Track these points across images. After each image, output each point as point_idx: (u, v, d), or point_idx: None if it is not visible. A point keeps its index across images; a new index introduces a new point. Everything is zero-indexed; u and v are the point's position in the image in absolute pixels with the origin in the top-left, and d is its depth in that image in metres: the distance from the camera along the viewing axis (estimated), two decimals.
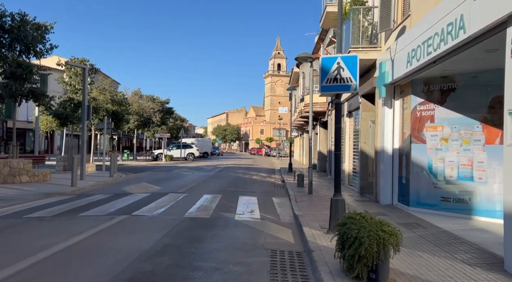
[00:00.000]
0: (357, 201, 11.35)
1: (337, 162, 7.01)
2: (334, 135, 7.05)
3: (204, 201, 11.15)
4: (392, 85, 10.36)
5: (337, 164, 7.00)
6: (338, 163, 7.00)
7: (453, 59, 7.22)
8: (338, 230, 4.79)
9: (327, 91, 7.03)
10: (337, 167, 6.98)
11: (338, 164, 7.00)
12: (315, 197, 12.39)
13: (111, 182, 16.67)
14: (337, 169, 6.97)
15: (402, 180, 10.02)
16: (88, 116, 16.44)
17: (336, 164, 7.01)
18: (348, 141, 16.48)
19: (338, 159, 6.99)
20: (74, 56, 21.04)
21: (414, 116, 9.43)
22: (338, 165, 6.99)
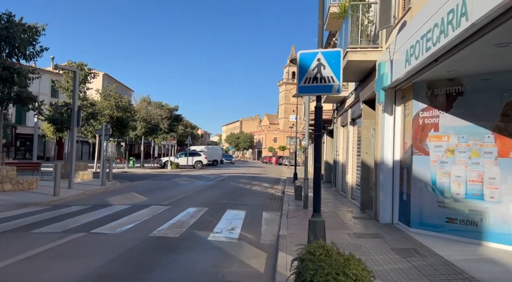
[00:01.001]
0: (355, 218, 10.19)
1: (316, 175, 5.92)
2: (314, 145, 5.98)
3: (185, 215, 10.15)
4: (393, 90, 9.24)
5: (317, 178, 5.91)
6: (318, 178, 5.91)
7: (457, 57, 6.10)
8: (295, 267, 3.73)
9: (306, 92, 5.98)
10: (317, 182, 5.89)
11: (317, 178, 5.91)
12: (310, 212, 11.24)
13: (101, 191, 15.84)
14: (317, 185, 5.88)
15: (403, 196, 8.84)
16: (78, 122, 15.68)
17: (315, 178, 5.93)
18: (351, 151, 15.32)
19: (318, 172, 5.91)
20: (71, 60, 20.49)
21: (416, 124, 8.28)
22: (317, 179, 5.90)
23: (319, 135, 5.89)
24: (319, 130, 5.89)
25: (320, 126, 5.89)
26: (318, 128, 5.90)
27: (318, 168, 5.87)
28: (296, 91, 6.00)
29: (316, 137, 5.90)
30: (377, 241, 7.42)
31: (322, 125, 21.08)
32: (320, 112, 5.93)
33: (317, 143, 5.92)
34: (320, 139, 5.89)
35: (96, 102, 29.54)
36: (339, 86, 5.77)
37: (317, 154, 5.88)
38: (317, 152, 5.90)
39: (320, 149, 5.91)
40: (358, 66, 10.87)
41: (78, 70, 15.94)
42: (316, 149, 5.91)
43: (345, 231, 8.45)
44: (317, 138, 5.90)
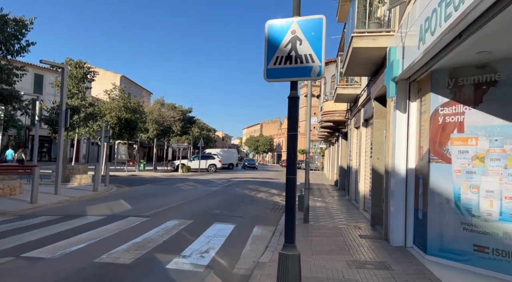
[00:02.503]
0: (362, 238, 8.47)
1: (290, 193, 4.30)
2: (287, 146, 4.37)
3: (159, 231, 8.66)
4: (407, 82, 7.51)
5: (290, 197, 4.29)
6: (291, 195, 4.29)
7: (489, 30, 4.40)
8: None
9: (276, 77, 4.38)
10: (290, 202, 4.28)
11: (290, 196, 4.29)
12: (310, 228, 9.61)
13: (89, 197, 14.57)
14: (290, 206, 4.27)
15: (418, 213, 7.09)
16: (66, 122, 14.50)
17: (288, 196, 4.32)
18: (364, 156, 13.55)
19: (291, 188, 4.28)
20: (68, 57, 19.49)
21: (434, 123, 6.54)
22: (290, 198, 4.29)
23: (292, 136, 4.27)
24: (293, 129, 4.28)
25: (294, 123, 4.29)
26: (292, 126, 4.29)
27: (292, 182, 4.25)
28: (264, 76, 4.41)
29: (290, 139, 4.29)
30: (381, 274, 5.72)
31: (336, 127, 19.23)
32: (295, 104, 4.31)
33: (291, 145, 4.30)
34: (294, 141, 4.28)
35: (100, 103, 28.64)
36: (321, 68, 4.16)
37: (291, 160, 4.27)
38: (290, 156, 4.28)
39: (295, 153, 4.29)
40: (366, 56, 9.17)
41: (66, 66, 14.75)
42: (290, 153, 4.30)
43: (344, 256, 6.77)
44: (291, 140, 4.29)
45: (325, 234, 8.83)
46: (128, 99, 30.44)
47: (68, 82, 19.37)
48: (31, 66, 36.95)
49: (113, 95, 30.01)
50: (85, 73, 19.95)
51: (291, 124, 4.29)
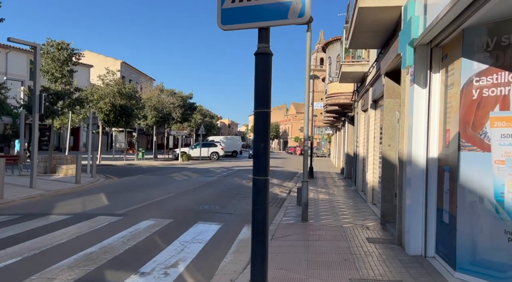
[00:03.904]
0: (371, 242, 6.97)
1: (259, 199, 2.79)
2: (254, 129, 2.83)
3: (125, 235, 7.22)
4: (427, 47, 5.90)
5: (259, 205, 2.78)
6: (261, 201, 2.78)
7: None
8: None
9: (235, 22, 2.84)
10: (258, 215, 2.77)
11: (261, 203, 2.78)
12: (308, 228, 8.12)
13: (68, 191, 13.21)
14: (258, 227, 2.76)
15: (443, 215, 5.55)
16: (40, 107, 13.08)
17: (256, 204, 2.80)
18: (372, 142, 11.97)
19: (261, 192, 2.77)
20: (49, 38, 17.99)
21: (466, 99, 4.94)
22: (260, 208, 2.77)
23: (261, 115, 2.74)
24: (263, 104, 2.75)
25: (263, 94, 2.75)
26: (261, 99, 2.75)
27: (261, 186, 2.74)
28: (218, 20, 2.86)
29: (258, 119, 2.76)
30: None
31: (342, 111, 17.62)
32: (265, 65, 2.77)
33: (261, 128, 2.77)
34: (264, 122, 2.75)
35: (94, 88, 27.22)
36: (304, 4, 2.59)
37: (260, 150, 2.74)
38: (259, 144, 2.76)
39: (265, 139, 2.77)
40: (375, 21, 7.54)
41: (39, 46, 13.22)
42: (258, 139, 2.77)
43: (347, 271, 5.28)
44: (260, 120, 2.76)
45: (325, 237, 7.34)
46: (123, 84, 28.95)
47: (51, 65, 17.90)
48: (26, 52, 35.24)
49: (107, 81, 28.53)
50: (69, 55, 18.42)
51: (260, 96, 2.76)
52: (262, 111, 2.72)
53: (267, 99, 2.74)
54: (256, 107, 2.73)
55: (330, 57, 22.66)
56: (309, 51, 8.58)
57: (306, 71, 8.65)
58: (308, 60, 8.55)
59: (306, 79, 8.69)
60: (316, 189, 15.22)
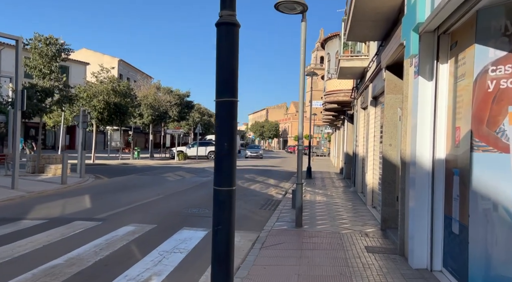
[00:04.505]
0: (371, 251, 6.32)
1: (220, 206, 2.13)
2: (215, 123, 2.16)
3: (99, 243, 6.56)
4: (434, 34, 5.23)
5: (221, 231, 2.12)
6: (225, 227, 2.12)
7: None
8: None
9: None
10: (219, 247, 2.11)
11: (223, 229, 2.12)
12: (302, 235, 7.47)
13: (51, 192, 12.56)
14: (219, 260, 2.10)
15: (452, 224, 4.89)
16: (22, 104, 12.42)
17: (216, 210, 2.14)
18: (372, 141, 11.32)
19: (224, 210, 2.11)
20: (37, 32, 17.32)
21: (480, 91, 4.27)
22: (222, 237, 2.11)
23: (225, 105, 2.08)
24: (227, 91, 2.08)
25: (227, 79, 2.08)
26: (224, 85, 2.09)
27: (224, 201, 2.08)
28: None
29: (220, 110, 2.10)
30: None
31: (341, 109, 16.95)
32: (228, 39, 2.10)
33: (224, 122, 2.11)
34: (229, 113, 2.09)
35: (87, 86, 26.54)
36: None
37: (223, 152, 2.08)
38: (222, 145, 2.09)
39: (231, 138, 2.12)
40: (375, 8, 6.89)
41: (21, 39, 12.55)
42: (221, 139, 2.11)
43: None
44: (224, 110, 2.10)
45: (321, 246, 6.69)
46: (117, 82, 28.28)
47: (38, 61, 17.23)
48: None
49: (101, 78, 27.84)
50: (58, 51, 17.74)
51: (224, 81, 2.09)
52: (226, 100, 2.06)
53: (233, 84, 2.09)
54: (218, 95, 2.07)
55: (329, 53, 22.00)
56: (304, 43, 7.92)
57: (301, 64, 7.99)
58: (303, 53, 7.89)
59: (300, 73, 8.03)
60: (313, 190, 14.57)
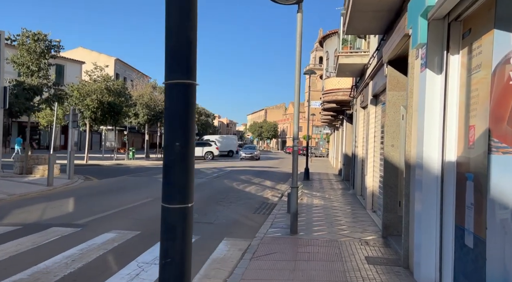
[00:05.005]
0: (371, 262, 5.75)
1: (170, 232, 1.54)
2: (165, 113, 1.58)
3: (73, 254, 5.97)
4: (444, 21, 4.66)
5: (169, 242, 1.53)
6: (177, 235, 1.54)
7: None
8: None
9: None
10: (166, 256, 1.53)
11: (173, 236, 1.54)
12: (297, 243, 6.90)
13: (35, 195, 11.94)
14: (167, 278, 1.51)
15: (465, 236, 4.30)
16: (5, 102, 11.82)
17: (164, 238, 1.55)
18: (372, 142, 10.74)
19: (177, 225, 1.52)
20: (25, 28, 16.67)
21: (500, 84, 3.69)
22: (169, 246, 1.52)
23: (176, 87, 1.48)
24: (180, 71, 1.48)
25: (179, 57, 1.49)
26: (175, 65, 1.49)
27: (177, 218, 1.50)
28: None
29: (169, 93, 1.51)
30: None
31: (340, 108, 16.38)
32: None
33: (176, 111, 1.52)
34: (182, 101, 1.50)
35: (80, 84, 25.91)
36: None
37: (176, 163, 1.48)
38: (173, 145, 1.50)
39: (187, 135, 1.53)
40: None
41: (3, 33, 12.01)
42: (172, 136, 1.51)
43: None
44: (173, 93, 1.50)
45: (317, 256, 6.11)
46: (111, 81, 27.66)
47: (26, 57, 16.60)
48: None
49: (94, 77, 27.23)
50: (47, 48, 17.12)
51: (175, 55, 1.50)
52: (178, 83, 1.47)
53: (189, 60, 1.50)
54: (168, 75, 1.48)
55: (328, 52, 21.43)
56: (300, 35, 7.34)
57: (297, 58, 7.42)
58: (299, 45, 7.32)
59: (296, 66, 7.45)
60: (311, 192, 14.00)
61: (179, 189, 1.49)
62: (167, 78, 1.48)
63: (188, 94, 1.48)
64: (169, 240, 1.50)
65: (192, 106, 1.50)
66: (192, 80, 1.49)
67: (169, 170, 1.50)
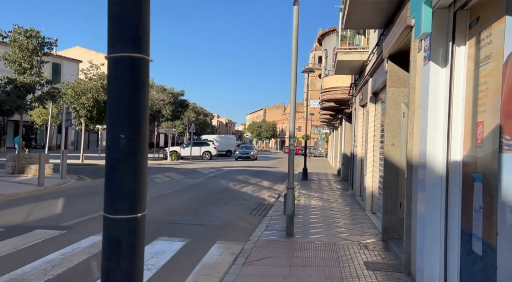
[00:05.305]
0: (371, 268, 5.42)
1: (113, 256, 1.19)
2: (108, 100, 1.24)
3: (54, 258, 5.63)
4: (449, 11, 4.34)
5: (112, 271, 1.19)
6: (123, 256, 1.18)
7: None
8: None
9: None
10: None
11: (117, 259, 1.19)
12: (293, 246, 6.57)
13: (24, 195, 11.58)
14: None
15: (472, 242, 3.97)
16: None
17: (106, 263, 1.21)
18: (371, 141, 10.42)
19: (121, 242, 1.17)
20: (17, 24, 16.28)
21: (511, 76, 3.37)
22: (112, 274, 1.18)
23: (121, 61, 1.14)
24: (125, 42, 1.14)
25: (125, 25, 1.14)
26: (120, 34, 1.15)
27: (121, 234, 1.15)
28: None
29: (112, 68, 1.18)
30: None
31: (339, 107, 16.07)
32: None
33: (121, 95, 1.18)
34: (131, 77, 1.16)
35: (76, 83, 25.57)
36: None
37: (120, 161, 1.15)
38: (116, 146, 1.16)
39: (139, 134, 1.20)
40: None
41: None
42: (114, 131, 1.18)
43: None
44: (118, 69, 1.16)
45: (313, 261, 5.77)
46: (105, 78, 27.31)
47: (18, 54, 16.23)
48: None
49: (90, 75, 26.88)
50: (40, 44, 16.75)
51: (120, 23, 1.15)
52: (126, 56, 1.14)
53: (140, 28, 1.16)
54: (111, 47, 1.15)
55: (327, 50, 21.10)
56: (296, 29, 7.01)
57: (293, 52, 7.08)
58: (295, 39, 6.98)
59: (292, 61, 7.11)
60: (308, 193, 13.66)
61: (125, 194, 1.16)
62: (110, 51, 1.15)
63: (138, 72, 1.15)
64: (112, 260, 1.17)
65: (143, 88, 1.17)
66: (143, 54, 1.16)
67: (112, 170, 1.17)
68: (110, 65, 1.16)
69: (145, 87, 1.19)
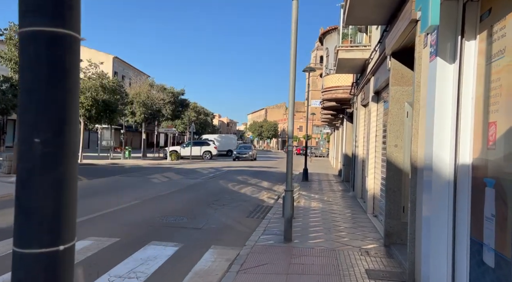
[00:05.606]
0: (372, 276, 5.12)
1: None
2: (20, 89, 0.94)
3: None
4: (457, 2, 4.03)
5: None
6: None
7: None
8: None
9: None
10: None
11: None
12: (291, 252, 6.27)
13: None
14: None
15: (483, 253, 3.66)
16: None
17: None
18: (373, 141, 10.11)
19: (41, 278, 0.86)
20: (12, 22, 15.99)
21: None
22: None
23: (36, 39, 0.83)
24: (43, 12, 0.83)
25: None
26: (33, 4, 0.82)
27: (38, 272, 0.82)
28: None
29: (24, 47, 0.86)
30: None
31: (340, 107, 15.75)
32: None
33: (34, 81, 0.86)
34: (42, 61, 0.85)
35: None
36: None
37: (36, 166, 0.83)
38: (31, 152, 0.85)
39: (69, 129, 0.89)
40: None
41: None
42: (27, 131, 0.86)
43: None
44: (32, 51, 0.85)
45: (311, 269, 5.47)
46: (106, 78, 27.04)
47: (14, 52, 15.97)
48: None
49: (89, 74, 26.60)
50: None
51: None
52: (45, 31, 0.84)
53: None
54: (23, 19, 0.84)
55: (328, 48, 20.78)
56: (295, 24, 6.71)
57: (292, 47, 6.78)
58: (294, 34, 6.69)
59: (291, 56, 6.82)
60: (309, 194, 13.36)
61: (41, 220, 0.85)
62: (22, 24, 0.84)
63: (61, 52, 0.85)
64: None
65: (70, 74, 0.86)
66: (69, 30, 0.86)
67: (22, 187, 0.86)
68: (22, 43, 0.85)
69: (72, 74, 0.88)
